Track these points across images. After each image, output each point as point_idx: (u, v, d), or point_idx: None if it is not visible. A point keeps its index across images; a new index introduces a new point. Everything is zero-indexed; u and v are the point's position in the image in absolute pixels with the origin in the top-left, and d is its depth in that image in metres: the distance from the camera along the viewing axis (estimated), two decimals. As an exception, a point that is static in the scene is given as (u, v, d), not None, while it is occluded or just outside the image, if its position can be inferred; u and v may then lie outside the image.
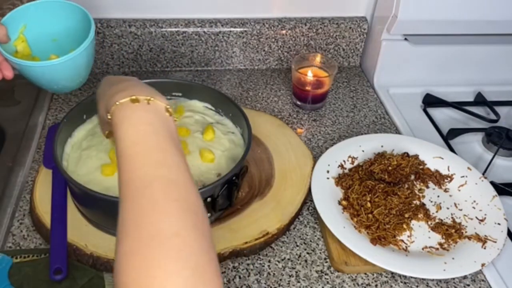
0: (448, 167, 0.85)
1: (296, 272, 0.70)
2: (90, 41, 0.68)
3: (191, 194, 0.43)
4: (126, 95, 0.49)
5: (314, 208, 0.76)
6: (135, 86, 0.51)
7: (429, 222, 0.76)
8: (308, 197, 0.79)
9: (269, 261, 0.71)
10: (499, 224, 0.75)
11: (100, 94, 0.57)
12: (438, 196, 0.81)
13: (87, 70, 0.73)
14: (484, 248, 0.71)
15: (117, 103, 0.48)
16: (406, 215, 0.75)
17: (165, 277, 0.36)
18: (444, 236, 0.74)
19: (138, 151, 0.44)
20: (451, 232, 0.74)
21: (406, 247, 0.72)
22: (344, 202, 0.77)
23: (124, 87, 0.51)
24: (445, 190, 0.82)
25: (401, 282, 0.70)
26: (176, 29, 1.05)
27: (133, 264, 0.37)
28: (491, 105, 1.05)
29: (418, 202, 0.79)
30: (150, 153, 0.44)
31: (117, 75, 0.54)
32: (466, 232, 0.75)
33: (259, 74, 1.13)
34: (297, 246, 0.74)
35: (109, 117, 0.50)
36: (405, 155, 0.84)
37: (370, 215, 0.74)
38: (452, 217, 0.77)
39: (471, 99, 1.09)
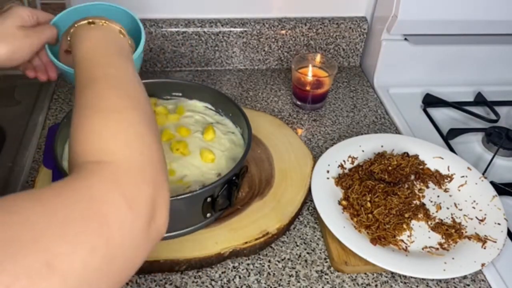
0: (448, 167, 0.85)
1: (296, 272, 0.70)
2: (141, 51, 0.66)
3: (129, 83, 0.49)
4: (84, 20, 0.57)
5: (314, 208, 0.76)
6: (95, 16, 0.59)
7: (429, 222, 0.76)
8: (308, 197, 0.79)
9: (269, 261, 0.71)
10: (499, 224, 0.75)
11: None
12: (438, 196, 0.81)
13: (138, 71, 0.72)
14: (484, 248, 0.71)
15: (76, 25, 0.57)
16: (406, 215, 0.75)
17: (105, 139, 0.42)
18: (444, 236, 0.74)
19: (88, 57, 0.51)
20: (451, 232, 0.74)
21: (406, 247, 0.72)
22: (344, 202, 0.77)
23: (82, 20, 0.58)
24: (445, 190, 0.82)
25: (401, 282, 0.70)
26: (176, 29, 1.05)
27: (79, 135, 0.43)
28: (491, 105, 1.05)
29: (418, 202, 0.79)
30: (98, 59, 0.51)
31: None
32: (466, 232, 0.75)
33: (259, 74, 1.13)
34: (297, 246, 0.74)
35: (69, 38, 0.58)
36: (405, 155, 0.84)
37: (370, 215, 0.74)
38: (452, 217, 0.77)
39: (471, 99, 1.09)
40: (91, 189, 0.37)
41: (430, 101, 1.05)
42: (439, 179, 0.83)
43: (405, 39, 1.07)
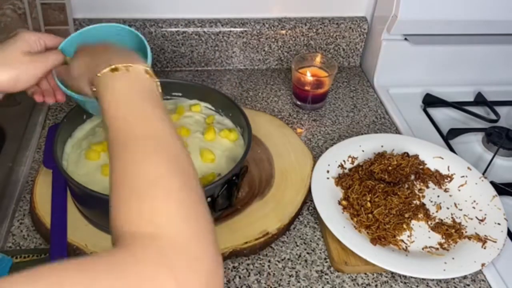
0: (448, 167, 0.85)
1: (296, 272, 0.70)
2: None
3: (172, 143, 0.46)
4: (106, 66, 0.52)
5: (314, 208, 0.76)
6: (114, 54, 0.54)
7: (429, 222, 0.76)
8: (308, 197, 0.79)
9: (269, 261, 0.71)
10: (499, 224, 0.75)
11: (80, 66, 0.58)
12: (438, 196, 0.81)
13: None
14: (484, 248, 0.71)
15: (98, 75, 0.52)
16: (406, 215, 0.75)
17: (155, 210, 0.39)
18: (444, 236, 0.74)
19: (120, 115, 0.48)
20: (451, 232, 0.74)
21: (406, 247, 0.72)
22: (344, 202, 0.77)
23: (105, 59, 0.53)
24: (445, 190, 0.82)
25: (401, 282, 0.70)
26: (176, 29, 1.05)
27: (125, 206, 0.40)
28: (491, 105, 1.05)
29: (418, 202, 0.79)
30: (131, 113, 0.48)
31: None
32: (466, 232, 0.75)
33: (259, 74, 1.13)
34: (297, 246, 0.74)
35: (94, 89, 0.54)
36: (405, 155, 0.84)
37: (370, 215, 0.74)
38: (452, 217, 0.77)
39: (471, 99, 1.09)
40: (139, 264, 0.35)
41: (430, 101, 1.05)
42: (439, 179, 0.83)
43: (405, 39, 1.07)
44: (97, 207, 0.69)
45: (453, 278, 0.70)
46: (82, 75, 0.57)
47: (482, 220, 0.76)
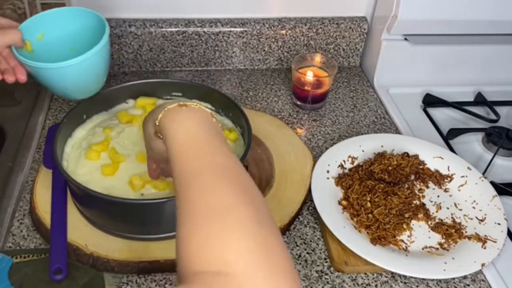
0: (448, 167, 0.85)
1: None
2: (104, 43, 0.68)
3: (241, 174, 0.44)
4: (174, 103, 0.52)
5: (314, 208, 0.76)
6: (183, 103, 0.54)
7: (429, 222, 0.76)
8: (308, 197, 0.79)
9: (269, 261, 0.71)
10: (499, 224, 0.75)
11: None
12: (438, 196, 0.81)
13: (101, 74, 0.73)
14: (484, 248, 0.71)
15: (166, 109, 0.52)
16: (406, 215, 0.75)
17: (224, 246, 0.37)
18: (444, 236, 0.74)
19: (188, 146, 0.46)
20: (451, 232, 0.74)
21: (406, 247, 0.72)
22: (344, 202, 0.77)
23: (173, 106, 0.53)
24: (445, 190, 0.82)
25: (401, 282, 0.70)
26: (176, 29, 1.05)
27: (193, 241, 0.38)
28: (491, 105, 1.05)
29: (418, 202, 0.79)
30: (199, 146, 0.46)
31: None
32: (466, 232, 0.75)
33: (259, 74, 1.13)
34: (297, 246, 0.74)
35: (157, 123, 0.52)
36: (405, 155, 0.84)
37: (370, 215, 0.74)
38: (452, 217, 0.77)
39: (471, 99, 1.09)
40: None
41: (430, 101, 1.05)
42: (439, 179, 0.83)
43: (405, 39, 1.07)
44: (97, 207, 0.69)
45: (453, 278, 0.70)
46: (146, 123, 0.57)
47: (482, 220, 0.76)
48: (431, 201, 0.80)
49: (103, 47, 0.68)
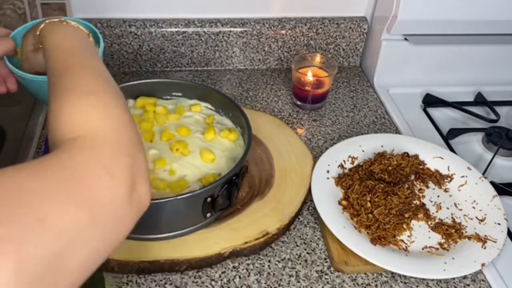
0: (448, 167, 0.85)
1: (296, 272, 0.70)
2: (100, 56, 0.68)
3: (104, 71, 0.51)
4: (56, 18, 0.60)
5: (314, 208, 0.76)
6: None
7: (429, 222, 0.76)
8: (308, 197, 0.79)
9: (269, 261, 0.71)
10: (499, 224, 0.75)
11: (28, 39, 0.64)
12: (438, 196, 0.81)
13: None
14: (484, 248, 0.71)
15: (47, 21, 0.59)
16: (406, 215, 0.75)
17: (85, 117, 0.44)
18: (444, 236, 0.74)
19: (62, 48, 0.54)
20: (451, 232, 0.74)
21: (406, 247, 0.72)
22: (344, 202, 0.77)
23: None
24: (445, 190, 0.82)
25: (401, 282, 0.70)
26: (176, 29, 1.05)
27: (62, 113, 0.44)
28: (491, 105, 1.05)
29: (418, 202, 0.79)
30: (72, 51, 0.53)
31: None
32: (466, 232, 0.75)
33: (259, 74, 1.13)
34: (297, 246, 0.74)
35: (37, 32, 0.60)
36: (405, 155, 0.84)
37: (370, 215, 0.74)
38: (452, 217, 0.77)
39: (471, 99, 1.09)
40: (72, 159, 0.39)
41: (430, 101, 1.05)
42: (439, 179, 0.83)
43: (405, 39, 1.07)
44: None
45: (453, 278, 0.70)
46: (33, 46, 0.63)
47: (482, 220, 0.76)
48: (431, 201, 0.80)
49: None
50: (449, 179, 0.84)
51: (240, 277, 0.68)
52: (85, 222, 0.36)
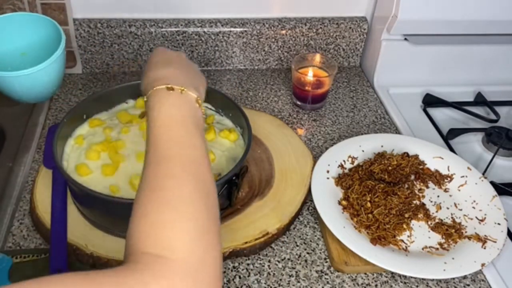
0: (448, 167, 0.85)
1: (296, 272, 0.70)
2: (61, 52, 0.68)
3: (206, 174, 0.47)
4: (163, 83, 0.54)
5: (314, 208, 0.76)
6: (174, 75, 0.57)
7: (429, 222, 0.76)
8: (308, 197, 0.79)
9: (269, 261, 0.71)
10: (499, 224, 0.75)
11: (147, 66, 0.61)
12: (438, 196, 0.81)
13: (58, 80, 0.74)
14: (484, 248, 0.71)
15: (154, 88, 0.54)
16: (406, 215, 0.75)
17: (172, 234, 0.40)
18: (444, 236, 0.74)
19: (166, 130, 0.50)
20: (451, 232, 0.74)
21: (406, 247, 0.72)
22: (344, 202, 0.77)
23: (164, 75, 0.56)
24: (445, 190, 0.82)
25: (401, 282, 0.70)
26: (176, 29, 1.05)
27: (147, 222, 0.41)
28: (491, 105, 1.05)
29: (418, 202, 0.79)
30: (176, 133, 0.50)
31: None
32: (466, 232, 0.75)
33: (259, 74, 1.13)
34: (297, 246, 0.74)
35: (145, 99, 0.56)
36: (405, 155, 0.84)
37: (370, 215, 0.74)
38: (452, 217, 0.77)
39: (471, 99, 1.09)
40: (143, 284, 0.36)
41: (430, 101, 1.05)
42: (439, 179, 0.83)
43: (405, 39, 1.07)
44: (97, 207, 0.69)
45: (453, 278, 0.70)
46: (144, 75, 0.59)
47: (482, 220, 0.76)
48: (431, 201, 0.80)
49: (59, 57, 0.69)
50: (449, 179, 0.84)
51: (240, 277, 0.68)
52: None
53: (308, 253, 0.73)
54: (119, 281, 0.36)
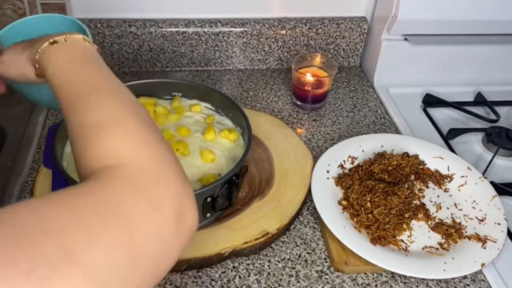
0: (448, 167, 0.85)
1: (296, 272, 0.70)
2: None
3: (124, 92, 0.48)
4: (44, 42, 0.54)
5: (314, 208, 0.76)
6: (50, 35, 0.57)
7: (429, 222, 0.76)
8: (308, 197, 0.79)
9: (269, 261, 0.71)
10: (499, 224, 0.75)
11: (17, 51, 0.60)
12: (438, 196, 0.81)
13: None
14: (484, 248, 0.71)
15: (39, 50, 0.54)
16: (406, 215, 0.75)
17: (115, 145, 0.41)
18: (444, 236, 0.74)
19: (67, 79, 0.50)
20: (451, 232, 0.74)
21: (406, 247, 0.72)
22: (344, 202, 0.77)
23: (37, 40, 0.56)
24: (445, 190, 0.82)
25: (401, 282, 0.70)
26: (176, 29, 1.05)
27: (88, 150, 0.42)
28: (491, 105, 1.05)
29: (418, 202, 0.79)
30: (78, 76, 0.49)
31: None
32: (466, 232, 0.75)
33: (259, 74, 1.13)
34: (297, 246, 0.74)
35: (37, 66, 0.56)
36: (405, 155, 0.84)
37: (370, 215, 0.74)
38: (452, 217, 0.77)
39: (471, 99, 1.09)
40: (109, 189, 0.36)
41: (430, 101, 1.05)
42: (439, 179, 0.83)
43: (405, 39, 1.07)
44: (97, 207, 0.69)
45: (453, 278, 0.70)
46: (21, 60, 0.59)
47: (482, 220, 0.76)
48: (431, 201, 0.80)
49: None
50: (449, 179, 0.84)
51: (240, 277, 0.68)
52: (122, 260, 0.33)
53: (308, 253, 0.73)
54: (84, 194, 0.36)
